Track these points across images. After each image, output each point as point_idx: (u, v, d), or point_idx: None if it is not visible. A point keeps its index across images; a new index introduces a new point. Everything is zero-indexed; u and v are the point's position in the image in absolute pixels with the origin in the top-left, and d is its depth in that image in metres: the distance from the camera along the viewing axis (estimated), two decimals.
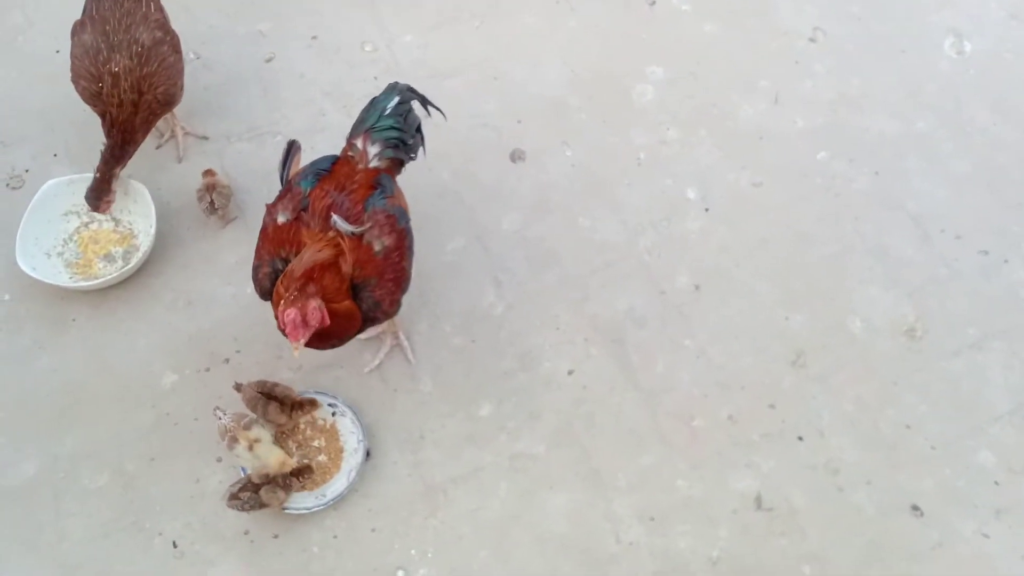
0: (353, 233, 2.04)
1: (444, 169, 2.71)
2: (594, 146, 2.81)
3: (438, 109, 2.38)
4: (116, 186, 2.46)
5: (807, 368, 2.48)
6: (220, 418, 2.18)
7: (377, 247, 2.06)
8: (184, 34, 2.81)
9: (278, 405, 2.24)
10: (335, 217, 2.04)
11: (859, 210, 2.73)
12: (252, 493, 2.14)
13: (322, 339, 2.00)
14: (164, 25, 2.48)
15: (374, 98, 2.29)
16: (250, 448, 2.16)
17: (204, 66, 2.87)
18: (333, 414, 2.32)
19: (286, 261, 2.05)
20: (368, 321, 2.08)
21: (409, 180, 2.58)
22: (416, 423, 2.36)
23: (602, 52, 3.00)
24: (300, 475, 2.21)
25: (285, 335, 1.92)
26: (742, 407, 2.42)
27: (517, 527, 2.24)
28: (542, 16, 3.06)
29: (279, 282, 1.99)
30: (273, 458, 2.17)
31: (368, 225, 2.07)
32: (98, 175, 2.43)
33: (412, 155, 2.33)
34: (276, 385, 2.25)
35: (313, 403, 2.29)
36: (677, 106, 2.90)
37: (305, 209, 2.08)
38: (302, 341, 1.89)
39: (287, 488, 2.18)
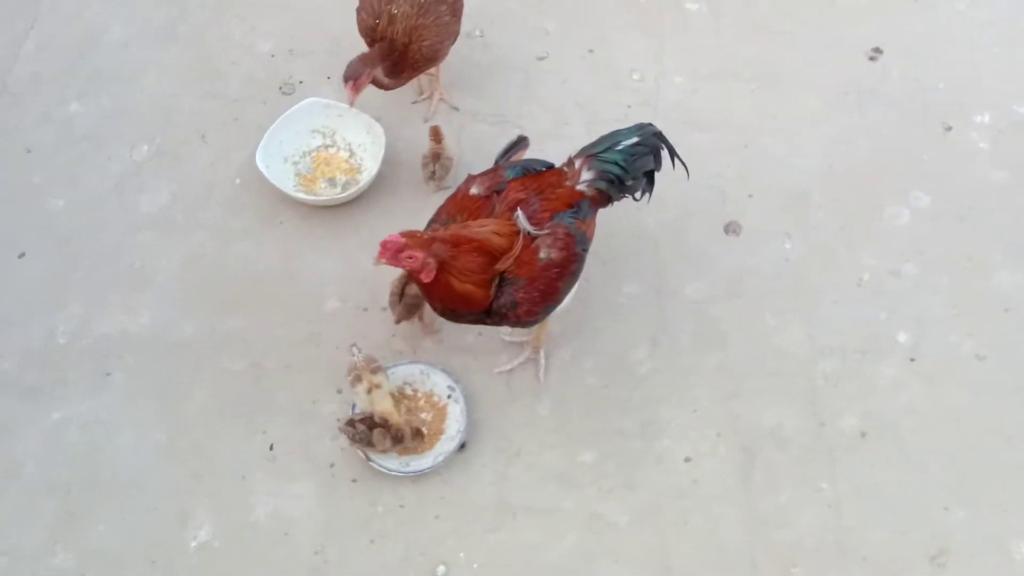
0: (529, 232, 2.07)
1: (652, 215, 2.64)
2: (818, 249, 2.63)
3: (684, 165, 2.34)
4: (369, 80, 2.49)
5: (944, 570, 2.17)
6: (355, 355, 2.31)
7: (543, 254, 2.07)
8: (480, 10, 2.99)
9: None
10: (519, 211, 2.08)
11: None
12: (367, 428, 2.24)
13: (427, 292, 2.07)
14: None
15: (618, 129, 2.29)
16: (369, 391, 2.27)
17: (483, 45, 3.01)
18: (449, 396, 2.37)
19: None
20: (497, 316, 2.09)
21: (613, 213, 2.56)
22: (519, 439, 2.35)
23: (870, 159, 2.78)
24: (416, 436, 2.28)
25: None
26: None
27: None
28: (824, 101, 2.89)
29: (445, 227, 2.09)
30: (383, 407, 2.27)
31: (546, 231, 2.09)
32: (365, 53, 2.50)
33: (635, 196, 2.32)
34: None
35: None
36: (927, 242, 2.63)
37: (499, 192, 2.13)
38: (382, 261, 1.96)
39: (397, 441, 2.26)
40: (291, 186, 2.70)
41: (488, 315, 2.10)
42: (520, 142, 2.37)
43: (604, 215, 2.55)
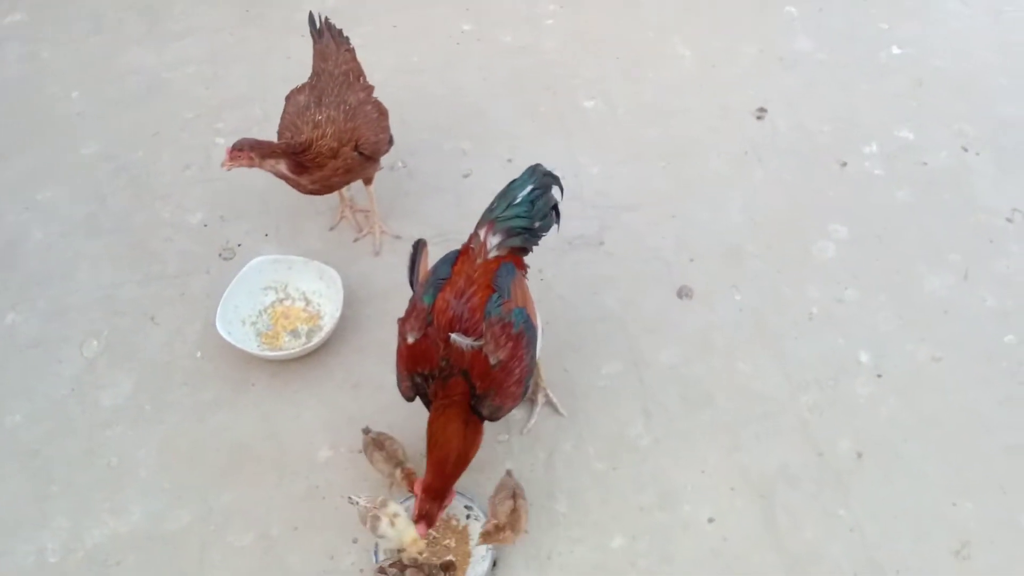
0: (473, 347, 2.11)
1: (610, 295, 2.77)
2: (766, 294, 2.80)
3: (561, 188, 2.41)
4: (257, 162, 2.48)
5: (971, 561, 2.28)
6: (357, 503, 2.25)
7: (492, 361, 2.11)
8: (397, 145, 3.09)
9: (384, 455, 2.38)
10: (453, 336, 2.12)
11: None
12: (399, 572, 2.19)
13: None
14: (368, 89, 2.74)
15: (511, 182, 2.35)
16: (393, 524, 2.20)
17: (408, 174, 3.12)
18: (467, 516, 2.36)
19: (423, 375, 2.17)
20: (493, 420, 2.19)
21: (574, 302, 2.69)
22: (546, 542, 2.34)
23: (786, 205, 3.02)
24: (448, 570, 2.24)
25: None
26: None
27: None
28: (729, 164, 3.13)
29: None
30: (409, 534, 2.20)
31: (484, 341, 2.11)
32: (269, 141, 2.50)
33: (544, 234, 2.37)
34: (389, 439, 2.40)
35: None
36: (858, 267, 2.85)
37: (430, 324, 2.15)
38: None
39: None
40: (255, 347, 2.68)
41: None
42: (418, 249, 2.37)
43: (566, 305, 2.66)
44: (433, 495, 2.16)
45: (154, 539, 2.37)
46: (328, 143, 2.56)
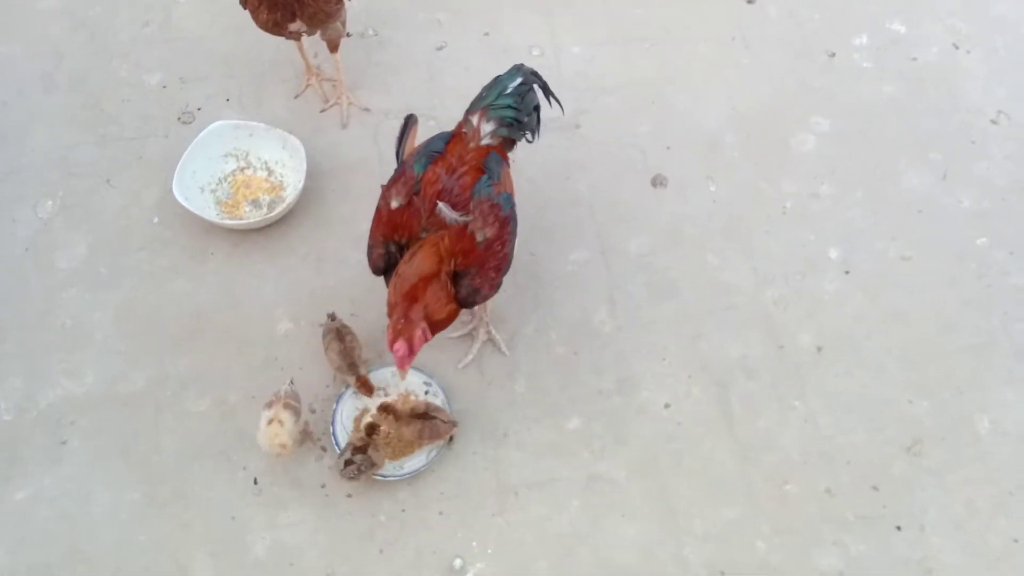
0: (457, 221, 2.06)
1: (582, 180, 2.71)
2: (740, 186, 2.74)
3: (558, 101, 2.37)
4: None
5: (922, 458, 2.32)
6: (287, 383, 2.24)
7: (479, 237, 2.07)
8: (367, 12, 2.99)
9: (341, 348, 2.32)
10: (440, 205, 2.06)
11: (1011, 306, 2.54)
12: (363, 455, 2.18)
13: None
14: None
15: (497, 76, 2.30)
16: (270, 422, 2.15)
17: (379, 44, 2.99)
18: (426, 392, 2.35)
19: (399, 244, 2.11)
20: (464, 305, 2.12)
21: (545, 186, 2.62)
22: (503, 421, 2.35)
23: (769, 94, 2.93)
24: (371, 433, 2.22)
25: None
26: (842, 482, 2.29)
27: (582, 546, 2.20)
28: (715, 49, 3.02)
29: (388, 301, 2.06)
30: (271, 442, 2.16)
31: (472, 216, 2.07)
32: None
33: (527, 136, 2.32)
34: (350, 334, 2.35)
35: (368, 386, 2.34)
36: (837, 162, 2.79)
37: (417, 193, 2.10)
38: (408, 369, 2.05)
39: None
40: (214, 214, 2.60)
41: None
42: (408, 122, 2.32)
43: (537, 191, 2.60)
44: (399, 314, 2.02)
45: (109, 401, 2.35)
46: None
